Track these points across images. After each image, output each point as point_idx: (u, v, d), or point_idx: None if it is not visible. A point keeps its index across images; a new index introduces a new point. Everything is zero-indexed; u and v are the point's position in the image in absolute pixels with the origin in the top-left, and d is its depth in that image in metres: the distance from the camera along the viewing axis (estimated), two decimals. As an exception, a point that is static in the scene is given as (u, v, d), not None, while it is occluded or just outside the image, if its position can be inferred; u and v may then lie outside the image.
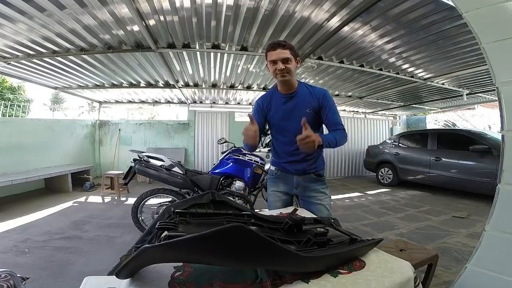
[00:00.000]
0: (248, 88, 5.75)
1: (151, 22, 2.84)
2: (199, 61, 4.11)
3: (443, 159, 4.81)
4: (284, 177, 1.51)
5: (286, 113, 1.42)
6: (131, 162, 2.89)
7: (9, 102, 9.45)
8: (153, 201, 2.74)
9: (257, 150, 3.34)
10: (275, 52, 1.30)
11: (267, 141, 3.51)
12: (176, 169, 2.85)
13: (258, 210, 1.46)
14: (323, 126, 1.47)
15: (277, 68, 1.31)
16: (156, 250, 0.52)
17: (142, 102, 7.45)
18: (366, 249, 0.79)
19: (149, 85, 5.56)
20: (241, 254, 0.55)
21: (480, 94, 6.07)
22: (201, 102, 7.54)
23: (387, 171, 5.97)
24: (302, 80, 4.40)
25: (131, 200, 4.22)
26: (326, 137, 1.28)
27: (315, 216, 1.10)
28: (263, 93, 6.48)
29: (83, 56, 3.64)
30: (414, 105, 7.63)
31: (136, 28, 2.93)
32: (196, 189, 2.87)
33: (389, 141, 6.31)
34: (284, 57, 1.29)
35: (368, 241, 0.81)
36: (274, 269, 0.66)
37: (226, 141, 3.72)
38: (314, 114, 1.38)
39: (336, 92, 6.15)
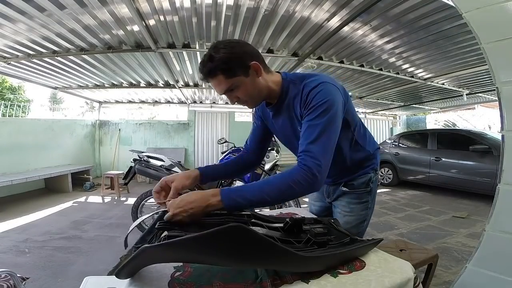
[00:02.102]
0: (248, 88, 5.75)
1: (151, 22, 2.84)
2: (199, 61, 4.11)
3: (443, 159, 4.81)
4: None
5: (280, 132, 1.02)
6: (131, 162, 2.89)
7: (9, 102, 9.44)
8: (153, 201, 2.74)
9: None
10: (212, 84, 0.85)
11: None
12: (176, 169, 2.85)
13: (258, 210, 1.46)
14: (353, 138, 0.97)
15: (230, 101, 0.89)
16: (155, 250, 0.52)
17: (142, 102, 7.46)
18: (366, 249, 0.79)
19: (149, 85, 5.57)
20: (241, 254, 0.55)
21: (480, 94, 6.07)
22: (201, 102, 7.54)
23: (387, 171, 5.97)
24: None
25: (131, 200, 4.22)
26: (237, 193, 0.73)
27: (315, 216, 1.10)
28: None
29: (83, 56, 3.64)
30: (414, 105, 7.64)
31: (136, 28, 2.93)
32: (196, 189, 2.87)
33: (389, 141, 6.31)
34: (222, 89, 0.83)
35: (368, 241, 0.81)
36: (274, 269, 0.66)
37: (226, 141, 3.71)
38: None
39: (336, 92, 6.14)
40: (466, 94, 5.80)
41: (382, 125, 8.49)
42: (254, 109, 1.09)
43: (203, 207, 0.70)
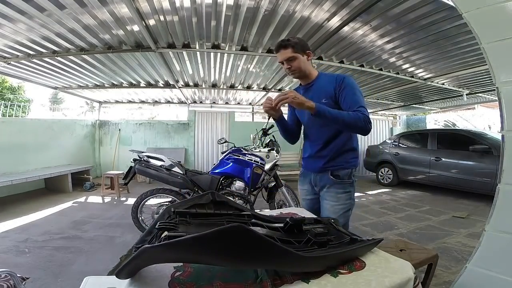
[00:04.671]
0: (248, 88, 5.75)
1: (151, 22, 2.84)
2: (199, 61, 4.11)
3: (443, 159, 4.81)
4: (306, 175, 1.48)
5: None
6: (131, 162, 2.89)
7: (9, 102, 9.43)
8: (153, 201, 2.74)
9: (257, 150, 3.34)
10: (279, 54, 1.32)
11: (267, 141, 3.50)
12: (176, 169, 2.85)
13: (258, 210, 1.46)
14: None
15: (285, 69, 1.35)
16: (156, 250, 0.52)
17: (142, 102, 7.45)
18: (366, 249, 0.80)
19: (149, 85, 5.57)
20: (241, 254, 0.55)
21: (480, 94, 6.06)
22: (201, 102, 7.54)
23: (387, 171, 5.97)
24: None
25: (131, 200, 4.22)
26: (326, 108, 1.18)
27: (315, 216, 1.11)
28: (263, 93, 6.45)
29: (83, 56, 3.64)
30: (414, 105, 7.63)
31: (136, 28, 2.92)
32: (196, 189, 2.87)
33: (389, 141, 6.31)
34: (287, 57, 1.29)
35: (368, 241, 0.81)
36: (274, 269, 0.66)
37: (226, 141, 3.70)
38: (332, 104, 1.28)
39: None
40: (466, 94, 5.80)
41: (382, 125, 8.47)
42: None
43: (304, 101, 1.16)
